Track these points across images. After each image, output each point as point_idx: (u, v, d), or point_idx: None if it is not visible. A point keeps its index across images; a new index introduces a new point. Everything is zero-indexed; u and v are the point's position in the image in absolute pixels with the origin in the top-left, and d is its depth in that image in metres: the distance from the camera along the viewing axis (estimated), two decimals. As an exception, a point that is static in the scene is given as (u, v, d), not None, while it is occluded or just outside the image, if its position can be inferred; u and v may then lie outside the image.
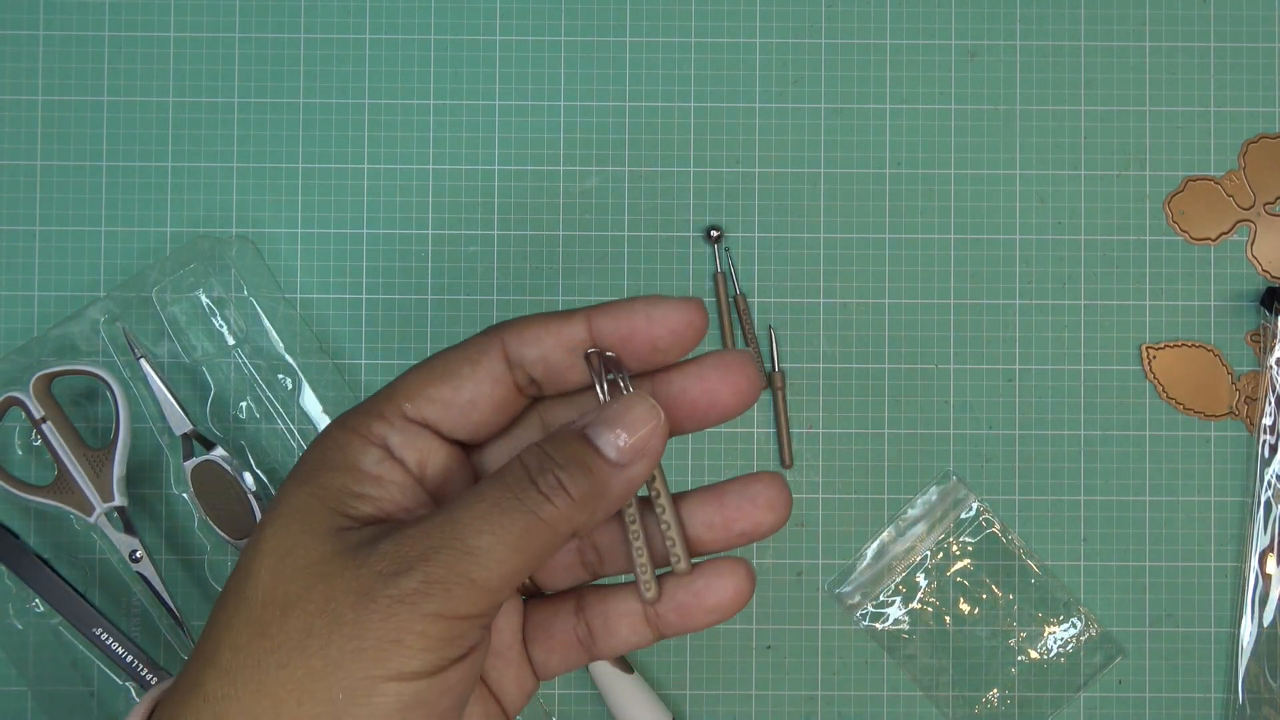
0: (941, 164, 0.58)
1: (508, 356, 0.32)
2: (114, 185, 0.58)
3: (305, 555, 0.29)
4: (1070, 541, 0.58)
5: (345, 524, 0.30)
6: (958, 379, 0.58)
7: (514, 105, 0.59)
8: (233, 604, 0.30)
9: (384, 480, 0.31)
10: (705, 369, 0.33)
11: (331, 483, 0.31)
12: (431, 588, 0.28)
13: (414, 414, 0.32)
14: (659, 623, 0.34)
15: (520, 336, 0.32)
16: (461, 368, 0.32)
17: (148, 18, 0.58)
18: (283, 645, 0.28)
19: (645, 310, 0.31)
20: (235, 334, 0.57)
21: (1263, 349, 0.58)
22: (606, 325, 0.32)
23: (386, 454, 0.31)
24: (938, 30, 0.59)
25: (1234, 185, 0.59)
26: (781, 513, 0.34)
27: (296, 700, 0.28)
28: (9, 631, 0.55)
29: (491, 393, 0.32)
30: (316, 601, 0.28)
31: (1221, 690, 0.58)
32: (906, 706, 0.58)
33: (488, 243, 0.58)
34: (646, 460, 0.31)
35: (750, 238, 0.58)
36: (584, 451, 0.30)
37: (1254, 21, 0.59)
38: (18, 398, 0.54)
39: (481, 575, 0.28)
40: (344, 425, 0.32)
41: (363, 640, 0.28)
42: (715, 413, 0.33)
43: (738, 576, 0.34)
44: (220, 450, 0.55)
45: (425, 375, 0.32)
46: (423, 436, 0.32)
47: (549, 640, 0.35)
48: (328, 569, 0.29)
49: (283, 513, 0.30)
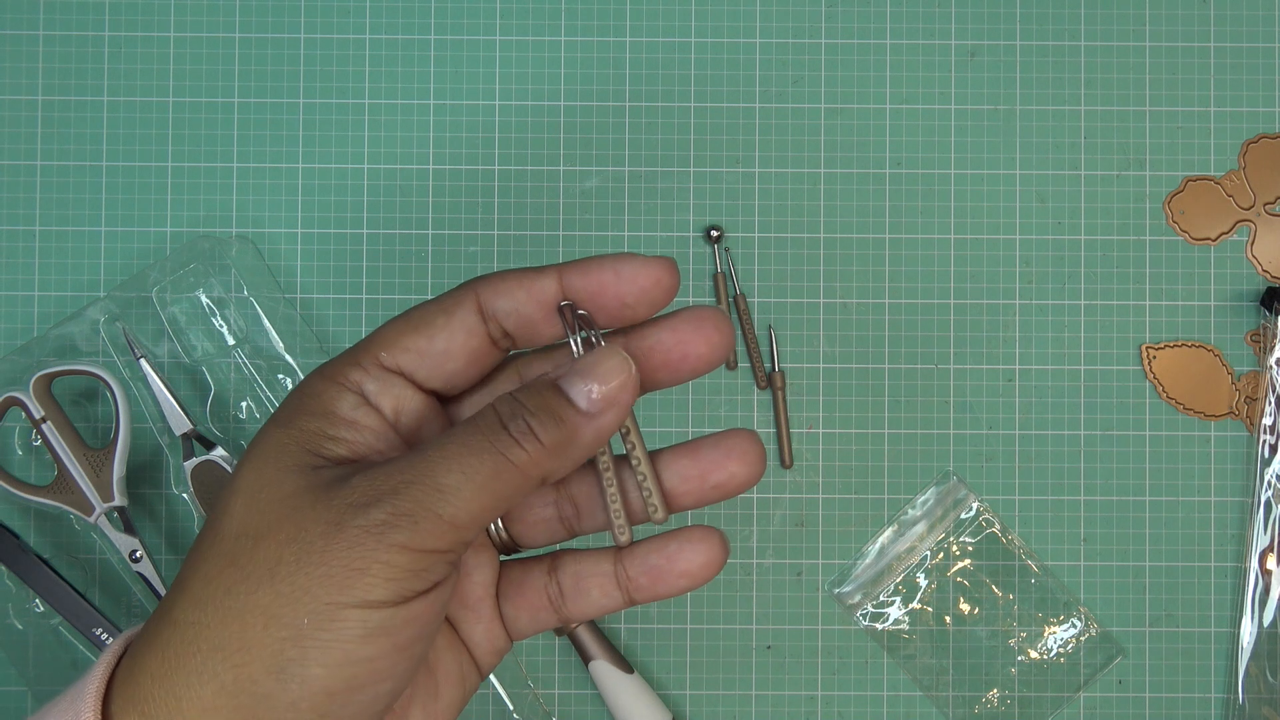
0: (941, 164, 0.58)
1: (481, 309, 0.33)
2: (114, 185, 0.58)
3: (278, 490, 0.30)
4: (1070, 541, 0.58)
5: (319, 462, 0.31)
6: (958, 379, 0.58)
7: (514, 105, 0.59)
8: (207, 539, 0.31)
9: (359, 425, 0.32)
10: (678, 321, 0.33)
11: (307, 425, 0.32)
12: (399, 519, 0.29)
13: (389, 362, 0.32)
14: (630, 586, 0.35)
15: (494, 289, 0.33)
16: (436, 318, 0.33)
17: (148, 18, 0.58)
18: (252, 574, 0.29)
19: (614, 267, 0.32)
20: (235, 334, 0.57)
21: (1263, 349, 0.58)
22: (576, 281, 0.33)
23: (362, 400, 0.32)
24: (938, 30, 0.59)
25: (1234, 185, 0.59)
26: (755, 466, 0.35)
27: (263, 625, 0.29)
28: (9, 631, 0.55)
29: (465, 343, 0.33)
30: (287, 531, 0.29)
31: (1221, 690, 0.58)
32: (906, 706, 0.58)
33: (488, 243, 0.58)
34: (617, 410, 0.32)
35: (750, 238, 0.58)
36: (556, 400, 0.31)
37: (1254, 21, 0.59)
38: (18, 398, 0.54)
39: (449, 511, 0.29)
40: (322, 374, 0.33)
41: (329, 567, 0.29)
42: (688, 364, 0.34)
43: (710, 542, 0.34)
44: (220, 450, 0.55)
45: (401, 326, 0.33)
46: (398, 384, 0.33)
47: (520, 598, 0.36)
48: (299, 502, 0.30)
49: (258, 453, 0.31)
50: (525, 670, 0.57)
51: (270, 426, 0.32)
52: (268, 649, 0.29)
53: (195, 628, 0.29)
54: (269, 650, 0.29)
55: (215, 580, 0.30)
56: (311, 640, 0.29)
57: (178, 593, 0.30)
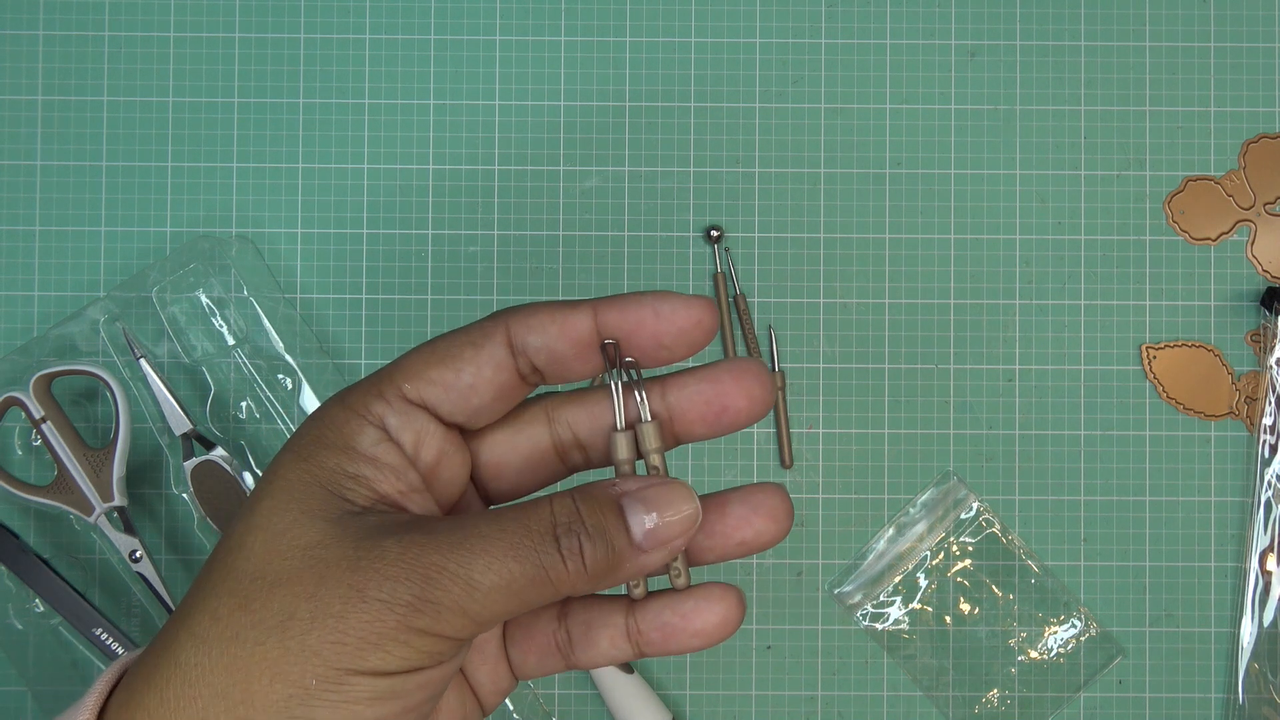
0: (941, 164, 0.58)
1: (511, 343, 0.31)
2: (114, 185, 0.58)
3: (302, 536, 0.29)
4: (1070, 541, 0.58)
5: (346, 508, 0.30)
6: (958, 379, 0.58)
7: (514, 105, 0.59)
8: (219, 573, 0.29)
9: (379, 462, 0.31)
10: (719, 372, 0.32)
11: (327, 461, 0.30)
12: (424, 605, 0.28)
13: (413, 395, 0.31)
14: (640, 640, 0.34)
15: (525, 324, 0.31)
16: (463, 351, 0.31)
17: (148, 18, 0.58)
18: (263, 622, 0.28)
19: (653, 306, 0.31)
20: (235, 334, 0.57)
21: (1263, 349, 0.58)
22: (612, 318, 0.31)
23: (383, 435, 0.31)
24: (938, 30, 0.59)
25: (1234, 185, 0.59)
26: (783, 524, 0.33)
27: (269, 679, 0.28)
28: (9, 631, 0.55)
29: (493, 378, 0.32)
30: (306, 585, 0.28)
31: (1221, 690, 0.58)
32: (906, 706, 0.58)
33: (488, 243, 0.58)
34: (666, 553, 0.31)
35: (750, 238, 0.58)
36: (613, 523, 0.30)
37: (1254, 21, 0.59)
38: (18, 398, 0.54)
39: (474, 609, 0.28)
40: (343, 403, 0.31)
41: (344, 636, 0.28)
42: (727, 418, 0.32)
43: (727, 603, 0.33)
44: (220, 450, 0.55)
45: (426, 357, 0.32)
46: (420, 418, 0.31)
47: (528, 641, 0.35)
48: (324, 554, 0.29)
49: (279, 489, 0.30)
50: (525, 670, 0.57)
51: (288, 459, 0.31)
52: (272, 704, 0.28)
53: (197, 670, 0.28)
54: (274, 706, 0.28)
55: (224, 621, 0.29)
56: (319, 700, 0.28)
57: (180, 627, 0.29)
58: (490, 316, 0.32)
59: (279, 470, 0.31)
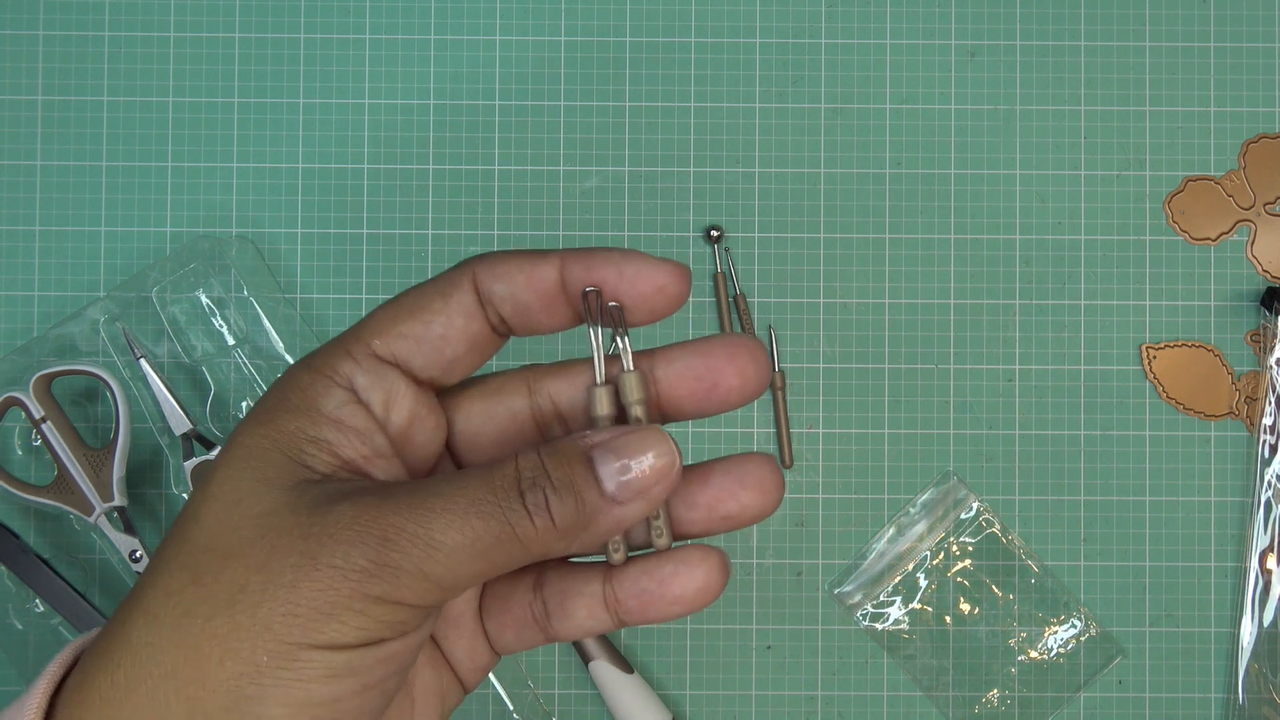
0: (941, 164, 0.58)
1: (479, 291, 0.30)
2: (114, 185, 0.58)
3: (255, 504, 0.28)
4: (1070, 541, 0.58)
5: (304, 475, 0.28)
6: (958, 379, 0.58)
7: (514, 105, 0.59)
8: (173, 547, 0.28)
9: (343, 425, 0.29)
10: (712, 346, 0.31)
11: (287, 424, 0.29)
12: (381, 570, 0.26)
13: (383, 351, 0.30)
14: (618, 609, 0.32)
15: (491, 271, 0.30)
16: (432, 301, 0.30)
17: (148, 18, 0.58)
18: (213, 596, 0.27)
19: (618, 265, 0.30)
20: (235, 334, 0.57)
21: (1263, 349, 0.58)
22: (577, 270, 0.30)
23: (351, 396, 0.29)
24: (938, 30, 0.59)
25: (1234, 185, 0.59)
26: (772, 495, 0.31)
27: (219, 657, 0.26)
28: (9, 631, 0.55)
29: (465, 327, 0.30)
30: (257, 556, 0.27)
31: (1221, 690, 0.58)
32: (906, 706, 0.58)
33: (488, 243, 0.58)
34: (644, 503, 0.28)
35: (750, 238, 0.58)
36: (581, 475, 0.28)
37: (1254, 21, 0.59)
38: (18, 398, 0.54)
39: (436, 572, 0.27)
40: (308, 365, 0.30)
41: (296, 607, 0.26)
42: (717, 396, 0.31)
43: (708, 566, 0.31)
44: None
45: (394, 310, 0.30)
46: (391, 376, 0.30)
47: (504, 614, 0.33)
48: (275, 522, 0.27)
49: (237, 455, 0.29)
50: (525, 670, 0.57)
51: (249, 424, 0.29)
52: (223, 684, 0.26)
53: (149, 649, 0.27)
54: (224, 685, 0.26)
55: (175, 596, 0.27)
56: (271, 679, 0.26)
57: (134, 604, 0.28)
58: (457, 265, 0.31)
59: (237, 438, 0.29)
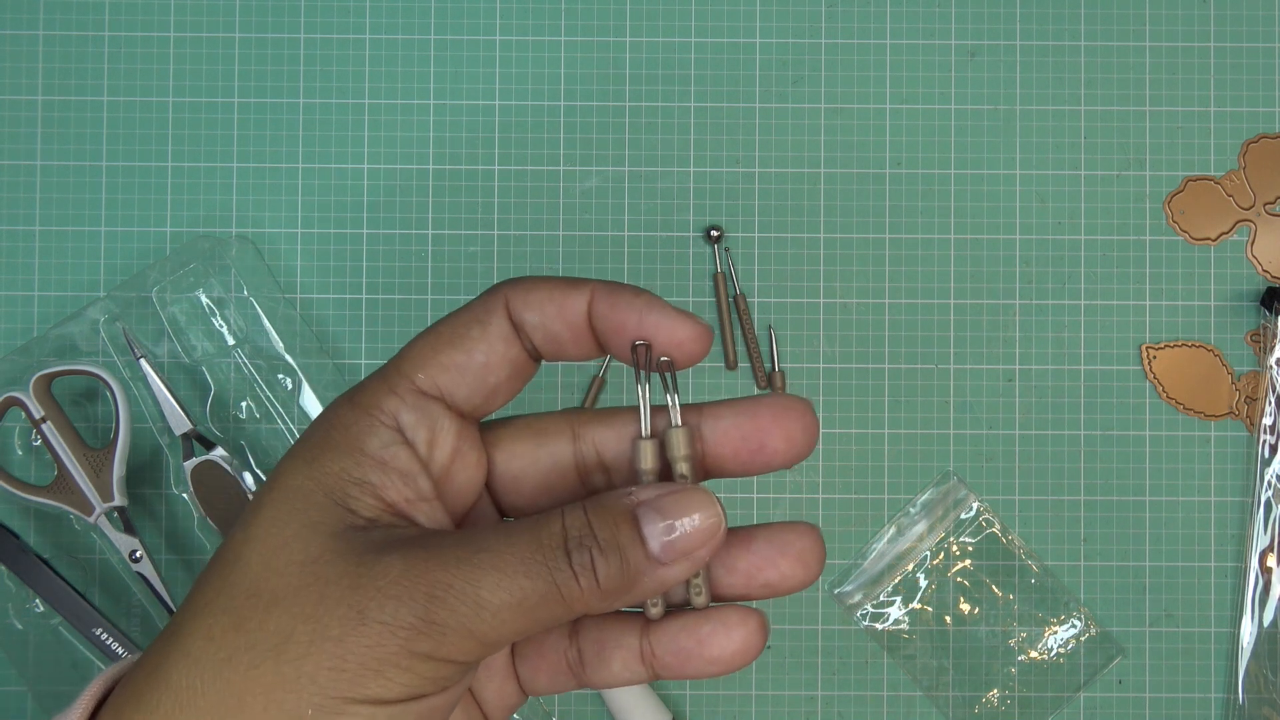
0: (941, 164, 0.58)
1: (511, 317, 0.30)
2: (114, 185, 0.58)
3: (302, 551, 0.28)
4: (1070, 541, 0.58)
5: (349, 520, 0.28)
6: (958, 379, 0.58)
7: (513, 105, 0.59)
8: (214, 588, 0.28)
9: (387, 466, 0.29)
10: (759, 408, 0.30)
11: (331, 466, 0.29)
12: (428, 627, 0.26)
13: (427, 385, 0.30)
14: (654, 663, 0.32)
15: (524, 299, 0.30)
16: (470, 330, 0.30)
17: (148, 18, 0.58)
18: (258, 644, 0.27)
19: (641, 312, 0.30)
20: (235, 334, 0.57)
21: (1263, 349, 0.58)
22: (603, 308, 0.30)
23: (396, 435, 0.29)
24: (938, 30, 0.59)
25: (1234, 185, 0.59)
26: (813, 569, 0.31)
27: (263, 706, 0.26)
28: (9, 631, 0.55)
29: (505, 353, 0.30)
30: (305, 605, 0.27)
31: (1221, 690, 0.58)
32: (906, 706, 0.58)
33: (488, 243, 0.58)
34: (688, 565, 0.28)
35: (750, 238, 0.58)
36: (627, 535, 0.28)
37: (1254, 21, 0.59)
38: (18, 398, 0.54)
39: (482, 630, 0.27)
40: (352, 402, 0.30)
41: (343, 660, 0.26)
42: (762, 458, 0.30)
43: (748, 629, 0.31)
44: (220, 450, 0.55)
45: (434, 341, 0.30)
46: (435, 411, 0.30)
47: (538, 659, 0.33)
48: (324, 572, 0.27)
49: (280, 498, 0.28)
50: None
51: (292, 464, 0.29)
52: None
53: (189, 693, 0.27)
54: None
55: (217, 641, 0.27)
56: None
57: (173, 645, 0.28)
58: (488, 292, 0.31)
59: (281, 476, 0.29)
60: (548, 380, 0.58)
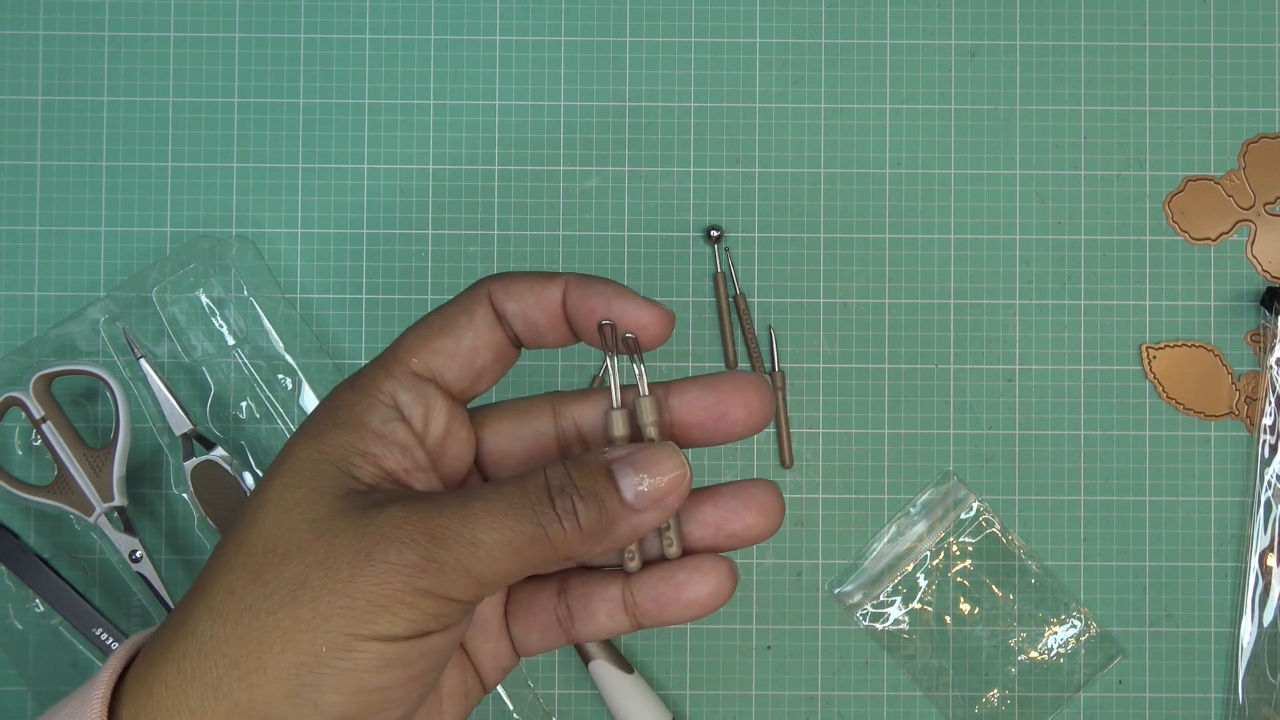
0: (941, 164, 0.58)
1: (494, 306, 0.34)
2: (114, 185, 0.58)
3: (312, 509, 0.30)
4: (1070, 541, 0.58)
5: (353, 485, 0.31)
6: (958, 379, 0.58)
7: (514, 105, 0.59)
8: (233, 548, 0.31)
9: (388, 439, 0.32)
10: (719, 382, 0.34)
11: (337, 439, 0.32)
12: (429, 565, 0.29)
13: (420, 368, 0.33)
14: (636, 611, 0.35)
15: (505, 290, 0.33)
16: (459, 318, 0.33)
17: (148, 18, 0.58)
18: (275, 592, 0.29)
19: (608, 299, 0.33)
20: (235, 334, 0.57)
21: (1263, 349, 0.58)
22: (575, 297, 0.33)
23: (394, 412, 0.32)
24: (938, 30, 0.59)
25: (1234, 185, 0.59)
26: (774, 518, 0.35)
27: (281, 647, 0.29)
28: (9, 631, 0.55)
29: (490, 338, 0.34)
30: (316, 554, 0.30)
31: (1221, 690, 0.58)
32: (906, 706, 0.58)
33: (488, 243, 0.58)
34: (659, 511, 0.32)
35: (750, 238, 0.58)
36: (604, 485, 0.31)
37: (1254, 21, 0.59)
38: (18, 398, 0.54)
39: (478, 568, 0.30)
40: (352, 385, 0.33)
41: (353, 599, 0.29)
42: (724, 426, 0.34)
43: (719, 574, 0.34)
44: (220, 450, 0.55)
45: (425, 330, 0.33)
46: (428, 391, 0.33)
47: (530, 618, 0.36)
48: (333, 524, 0.30)
49: (290, 467, 0.31)
50: (525, 670, 0.57)
51: (301, 439, 0.32)
52: (284, 672, 0.29)
53: (213, 641, 0.30)
54: (285, 673, 0.29)
55: (238, 594, 0.30)
56: (329, 668, 0.29)
57: (197, 600, 0.31)
58: (473, 285, 0.34)
59: (290, 451, 0.32)
60: (547, 381, 0.58)
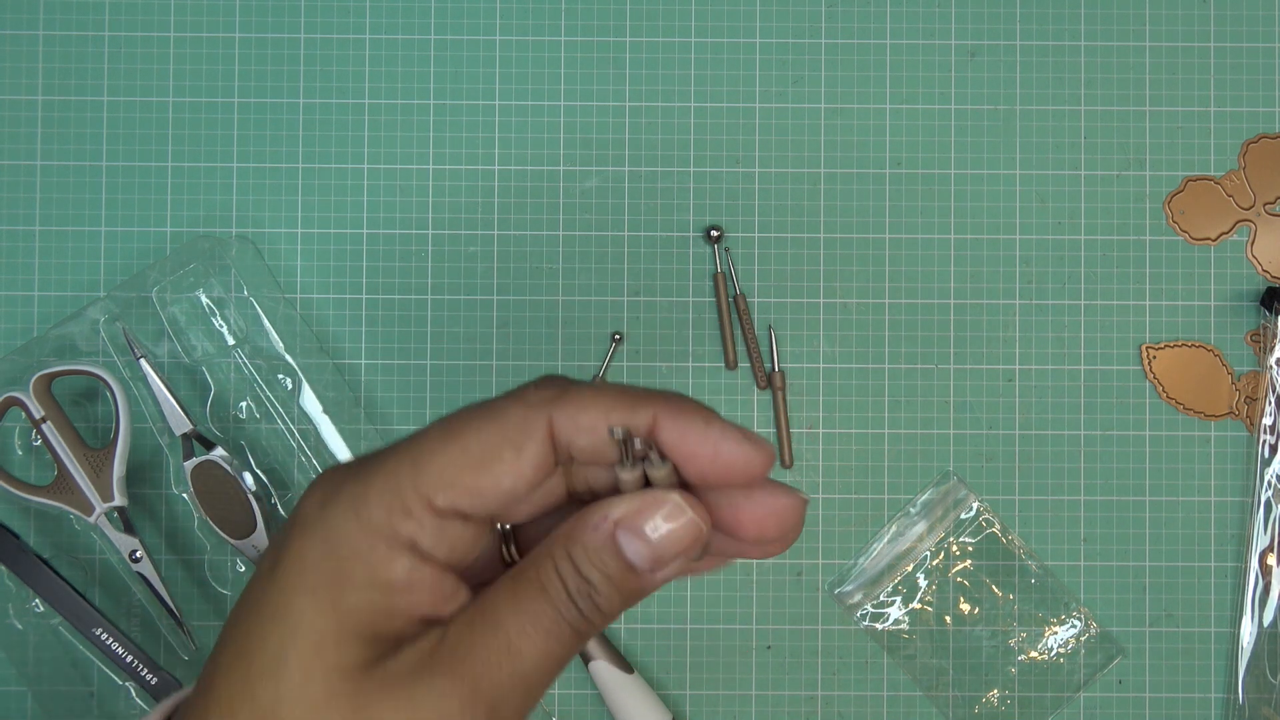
0: (941, 164, 0.58)
1: (554, 438, 0.28)
2: (114, 185, 0.58)
3: (338, 685, 0.27)
4: (1070, 541, 0.58)
5: (378, 650, 0.27)
6: (958, 379, 0.58)
7: (514, 105, 0.59)
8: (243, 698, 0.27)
9: (416, 586, 0.28)
10: (762, 495, 0.30)
11: (359, 602, 0.27)
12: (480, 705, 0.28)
13: (444, 505, 0.28)
14: None
15: (575, 422, 0.28)
16: (502, 453, 0.28)
17: (148, 18, 0.58)
18: None
19: (715, 442, 0.28)
20: (235, 334, 0.57)
21: (1263, 349, 0.58)
22: (670, 434, 0.28)
23: (417, 559, 0.28)
24: (938, 30, 0.59)
25: (1234, 185, 0.59)
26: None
27: None
28: (9, 631, 0.55)
29: (534, 478, 0.28)
30: None
31: (1221, 690, 0.58)
32: (906, 706, 0.58)
33: (488, 243, 0.58)
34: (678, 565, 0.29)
35: (750, 238, 0.58)
36: (614, 567, 0.28)
37: (1254, 21, 0.59)
38: (18, 398, 0.54)
39: (530, 686, 0.28)
40: (360, 522, 0.28)
41: None
42: (750, 537, 0.30)
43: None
44: (220, 450, 0.55)
45: (457, 458, 0.28)
46: (454, 528, 0.28)
47: None
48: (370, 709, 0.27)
49: (307, 643, 0.27)
50: (525, 670, 0.57)
51: (308, 600, 0.27)
52: None
53: None
54: None
55: None
56: None
57: None
58: (526, 400, 0.28)
59: (302, 616, 0.27)
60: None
